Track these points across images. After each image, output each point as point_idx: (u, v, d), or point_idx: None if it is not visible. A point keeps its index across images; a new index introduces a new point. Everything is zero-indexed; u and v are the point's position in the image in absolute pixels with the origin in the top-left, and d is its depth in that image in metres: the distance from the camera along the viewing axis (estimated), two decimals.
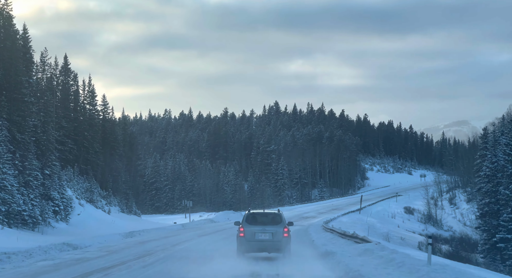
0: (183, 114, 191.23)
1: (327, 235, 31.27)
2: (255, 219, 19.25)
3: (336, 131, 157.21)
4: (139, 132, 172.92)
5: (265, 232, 18.60)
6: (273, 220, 19.21)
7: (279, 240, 18.59)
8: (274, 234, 18.59)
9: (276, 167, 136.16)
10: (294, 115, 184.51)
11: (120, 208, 57.38)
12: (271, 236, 18.56)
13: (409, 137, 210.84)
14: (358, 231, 43.94)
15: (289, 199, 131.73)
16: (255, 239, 18.55)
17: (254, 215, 19.48)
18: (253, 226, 18.78)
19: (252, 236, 18.54)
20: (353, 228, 46.50)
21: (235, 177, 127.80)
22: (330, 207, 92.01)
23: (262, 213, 20.03)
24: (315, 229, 39.72)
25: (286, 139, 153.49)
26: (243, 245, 18.69)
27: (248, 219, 19.12)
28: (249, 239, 18.54)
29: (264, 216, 19.49)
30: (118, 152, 64.86)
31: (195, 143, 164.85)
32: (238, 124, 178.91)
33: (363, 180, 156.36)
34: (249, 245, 18.64)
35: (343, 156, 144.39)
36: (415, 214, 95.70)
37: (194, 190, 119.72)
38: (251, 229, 18.66)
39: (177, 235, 34.03)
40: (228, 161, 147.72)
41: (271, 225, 18.93)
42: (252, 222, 19.00)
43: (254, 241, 18.54)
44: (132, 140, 68.66)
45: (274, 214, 19.63)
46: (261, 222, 19.14)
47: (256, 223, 19.03)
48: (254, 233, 18.58)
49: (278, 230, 18.68)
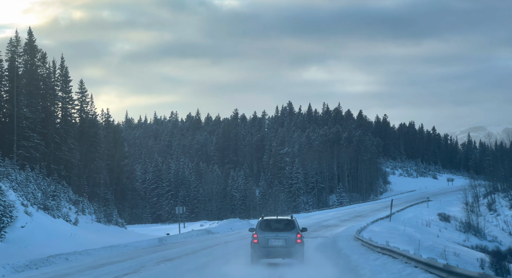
0: (190, 116, 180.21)
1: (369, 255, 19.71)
2: (269, 226, 19.33)
3: (355, 131, 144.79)
4: (143, 136, 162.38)
5: (278, 238, 18.62)
6: (286, 226, 19.22)
7: (292, 246, 18.62)
8: (288, 240, 18.64)
9: (290, 170, 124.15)
10: (309, 116, 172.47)
11: (97, 216, 45.92)
12: (284, 242, 18.63)
13: (431, 139, 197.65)
14: (399, 244, 32.94)
15: (305, 205, 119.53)
16: (268, 245, 18.59)
17: (267, 221, 19.50)
18: (266, 233, 18.81)
19: (265, 242, 18.59)
20: (390, 240, 35.79)
21: (245, 181, 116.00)
22: (352, 214, 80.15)
23: (275, 219, 19.87)
24: (347, 244, 28.18)
25: (301, 140, 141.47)
26: (257, 251, 18.74)
27: (262, 225, 19.20)
28: (263, 245, 18.59)
29: (277, 223, 19.48)
30: (99, 150, 53.43)
31: (202, 146, 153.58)
32: (249, 126, 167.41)
33: (385, 184, 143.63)
34: (263, 251, 18.68)
35: (363, 158, 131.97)
36: (451, 221, 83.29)
37: (199, 196, 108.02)
38: (265, 235, 18.69)
39: (124, 259, 22.42)
40: (238, 165, 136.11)
41: (285, 231, 18.95)
42: (265, 229, 19.06)
43: (268, 247, 18.59)
44: (117, 135, 57.21)
45: (287, 221, 19.55)
46: (275, 228, 19.19)
47: (269, 229, 19.10)
48: (268, 239, 18.63)
49: (291, 236, 18.69)
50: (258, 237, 18.84)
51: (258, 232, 19.06)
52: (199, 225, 65.56)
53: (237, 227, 52.39)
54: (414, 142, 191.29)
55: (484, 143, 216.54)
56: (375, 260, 17.91)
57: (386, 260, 17.64)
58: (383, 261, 17.31)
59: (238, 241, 33.14)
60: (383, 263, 16.95)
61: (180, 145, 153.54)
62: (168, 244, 29.73)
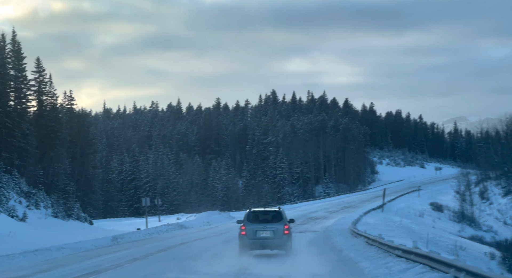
0: (171, 106, 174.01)
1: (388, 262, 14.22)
2: (257, 217, 19.33)
3: (342, 119, 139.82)
4: (122, 126, 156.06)
5: (266, 230, 18.60)
6: (274, 217, 19.18)
7: (280, 237, 18.53)
8: (275, 231, 18.56)
9: (274, 160, 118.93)
10: (293, 104, 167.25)
11: (55, 211, 40.20)
12: (272, 234, 18.54)
13: (418, 128, 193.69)
14: (399, 238, 28.51)
15: (290, 197, 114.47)
16: (256, 237, 18.53)
17: (255, 213, 19.47)
18: (254, 224, 18.72)
19: (253, 234, 18.52)
20: (389, 233, 32.08)
21: (227, 172, 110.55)
22: (340, 205, 75.38)
23: (263, 211, 19.80)
24: (345, 241, 23.22)
25: (285, 129, 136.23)
26: (245, 243, 18.65)
27: (250, 217, 19.09)
28: (251, 237, 18.50)
29: (265, 214, 19.48)
30: (60, 136, 47.53)
31: (183, 136, 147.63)
32: (231, 115, 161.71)
33: (373, 174, 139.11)
34: (251, 243, 18.61)
35: (350, 147, 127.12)
36: (444, 211, 78.90)
37: (179, 188, 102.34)
38: (252, 227, 18.60)
39: (34, 272, 16.70)
40: (220, 155, 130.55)
41: (272, 222, 18.90)
42: (253, 220, 18.99)
43: (256, 239, 18.52)
44: (81, 120, 51.29)
45: (275, 212, 19.50)
46: (263, 220, 19.18)
47: (257, 221, 19.04)
48: (256, 231, 18.57)
49: (279, 227, 18.60)
50: (246, 229, 18.79)
51: (246, 224, 18.94)
52: (175, 218, 60.10)
53: (215, 221, 47.03)
54: (401, 131, 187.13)
55: (469, 131, 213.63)
56: (403, 271, 12.23)
57: (385, 258, 11.88)
58: (382, 258, 11.47)
59: (212, 237, 27.90)
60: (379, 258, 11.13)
61: (160, 135, 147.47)
62: (122, 244, 24.38)
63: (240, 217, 60.27)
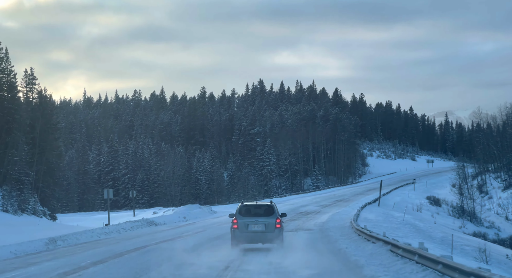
0: (155, 96, 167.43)
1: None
2: (249, 211, 19.11)
3: (332, 109, 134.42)
4: (103, 115, 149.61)
5: (257, 224, 18.64)
6: (266, 211, 19.10)
7: (272, 231, 18.59)
8: (267, 225, 18.64)
9: (262, 151, 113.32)
10: (281, 94, 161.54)
11: (5, 204, 34.28)
12: (264, 227, 18.62)
13: (409, 120, 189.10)
14: (408, 237, 25.58)
15: (278, 190, 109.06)
16: (248, 230, 18.60)
17: (247, 206, 19.27)
18: (246, 218, 18.69)
19: (245, 227, 18.59)
20: (394, 232, 27.92)
21: (211, 163, 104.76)
22: (332, 198, 70.21)
23: (255, 204, 19.57)
24: (353, 245, 17.31)
25: (273, 119, 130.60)
26: (237, 236, 18.72)
27: (242, 210, 18.95)
28: (243, 230, 18.59)
29: (257, 208, 19.25)
30: (18, 119, 41.41)
31: (167, 126, 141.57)
32: (217, 105, 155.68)
33: (363, 166, 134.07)
34: (243, 237, 18.64)
35: (341, 138, 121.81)
36: (443, 205, 74.04)
37: (160, 180, 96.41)
38: (244, 221, 18.63)
39: None
40: (205, 146, 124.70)
41: (264, 216, 18.82)
42: (245, 214, 18.85)
43: (247, 233, 18.59)
44: (44, 101, 45.14)
45: (267, 206, 19.34)
46: (255, 213, 19.03)
47: (249, 214, 18.91)
48: (247, 224, 18.61)
49: (270, 221, 18.67)
50: (238, 223, 18.71)
51: (238, 217, 18.84)
52: (152, 213, 54.39)
53: (194, 216, 41.36)
54: (391, 123, 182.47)
55: (460, 123, 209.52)
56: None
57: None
58: None
59: (183, 238, 22.33)
60: None
61: (142, 125, 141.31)
62: (57, 249, 18.71)
63: (223, 211, 55.02)
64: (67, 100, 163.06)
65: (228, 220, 38.55)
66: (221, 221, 37.75)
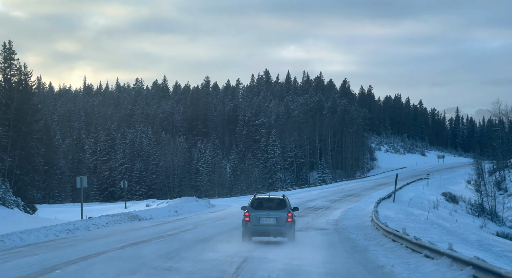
0: (157, 84, 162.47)
1: None
2: (261, 204, 19.21)
3: (340, 100, 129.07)
4: (103, 104, 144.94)
5: (269, 217, 18.71)
6: (278, 205, 19.16)
7: (283, 225, 18.66)
8: (279, 219, 18.64)
9: (266, 142, 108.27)
10: (287, 85, 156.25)
11: None
12: (275, 221, 18.64)
13: (418, 114, 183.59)
14: (443, 241, 20.57)
15: (282, 183, 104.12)
16: (259, 223, 18.68)
17: (260, 200, 19.56)
18: (258, 211, 18.91)
19: (257, 220, 18.68)
20: (426, 233, 23.82)
21: (213, 154, 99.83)
22: (340, 193, 65.32)
23: (267, 198, 19.82)
24: (394, 257, 12.12)
25: (278, 110, 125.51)
26: (248, 229, 18.81)
27: (254, 204, 19.17)
28: (254, 223, 18.68)
29: (269, 201, 19.40)
30: None
31: (168, 116, 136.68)
32: (221, 96, 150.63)
33: (372, 160, 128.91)
34: (254, 229, 18.79)
35: (349, 131, 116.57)
36: (460, 202, 69.01)
37: (159, 171, 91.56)
38: (256, 214, 18.79)
39: None
40: (208, 137, 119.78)
41: (276, 210, 18.91)
42: (257, 207, 19.00)
43: (259, 226, 18.68)
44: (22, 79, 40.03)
45: (279, 200, 19.47)
46: (267, 207, 19.14)
47: (261, 208, 19.02)
48: (259, 217, 18.72)
49: (282, 215, 18.68)
50: (249, 215, 18.68)
51: (249, 210, 18.85)
52: (144, 205, 49.64)
53: (188, 209, 36.46)
54: (400, 117, 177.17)
55: (471, 118, 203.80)
56: None
57: None
58: None
59: (160, 241, 17.47)
60: None
61: (143, 114, 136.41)
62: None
63: (222, 204, 50.29)
64: (66, 88, 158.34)
65: (225, 216, 33.88)
66: (218, 216, 32.90)
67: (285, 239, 18.84)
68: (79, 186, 27.45)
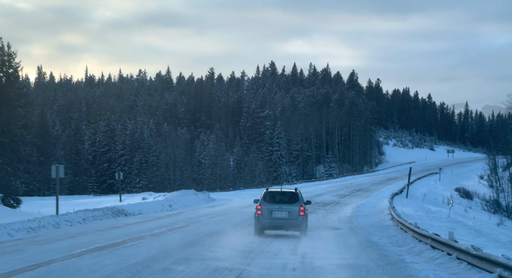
0: (160, 75, 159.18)
1: None
2: (273, 197, 19.13)
3: (348, 92, 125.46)
4: (104, 94, 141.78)
5: (281, 210, 18.74)
6: (290, 198, 19.08)
7: (295, 218, 18.56)
8: (291, 212, 18.62)
9: (271, 135, 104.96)
10: (293, 77, 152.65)
11: None
12: (287, 214, 18.61)
13: (427, 108, 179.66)
14: (486, 248, 17.43)
15: (288, 177, 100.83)
16: (271, 216, 18.63)
17: (272, 193, 19.44)
18: (270, 204, 18.82)
19: (269, 214, 18.70)
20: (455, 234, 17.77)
21: (216, 146, 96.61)
22: (349, 187, 62.08)
23: (279, 191, 19.65)
24: (446, 273, 8.73)
25: (284, 102, 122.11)
26: (260, 222, 18.71)
27: (266, 197, 19.13)
28: (266, 216, 18.66)
29: (281, 195, 19.34)
30: None
31: (172, 107, 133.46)
32: (226, 87, 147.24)
33: (380, 155, 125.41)
34: (266, 223, 18.69)
35: (357, 124, 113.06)
36: (474, 198, 65.62)
37: (160, 163, 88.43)
38: (268, 207, 18.70)
39: None
40: (212, 129, 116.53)
41: (288, 203, 18.84)
42: (269, 200, 18.94)
43: (271, 219, 18.63)
44: (6, 60, 36.86)
45: (291, 193, 19.43)
46: (279, 200, 19.06)
47: (273, 201, 18.96)
48: (271, 211, 18.73)
49: (294, 208, 18.72)
50: (262, 208, 18.62)
51: (262, 204, 18.77)
52: (141, 198, 46.51)
53: (183, 204, 33.25)
54: (408, 111, 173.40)
55: (481, 113, 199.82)
56: None
57: None
58: None
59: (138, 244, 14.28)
60: None
61: (145, 106, 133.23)
62: None
63: (223, 198, 47.14)
64: (68, 78, 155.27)
65: (224, 212, 30.73)
66: (216, 211, 29.67)
67: (297, 232, 18.72)
68: (55, 175, 24.25)
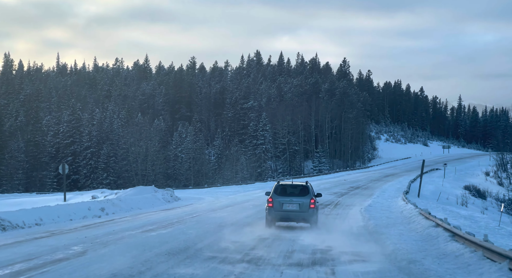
0: (138, 64, 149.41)
1: None
2: (284, 190, 19.60)
3: (339, 82, 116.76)
4: (77, 84, 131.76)
5: (292, 203, 19.19)
6: (301, 191, 19.52)
7: (306, 211, 19.04)
8: (301, 205, 19.15)
9: (256, 127, 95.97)
10: (280, 67, 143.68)
11: None
12: (298, 207, 19.16)
13: (419, 102, 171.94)
14: None
15: (273, 173, 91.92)
16: (282, 209, 19.15)
17: (283, 186, 19.93)
18: (281, 197, 19.28)
19: (280, 206, 19.14)
20: None
21: (194, 139, 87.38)
22: (344, 185, 53.47)
23: (290, 184, 20.15)
24: None
25: (270, 92, 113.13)
26: (271, 215, 19.21)
27: (277, 190, 19.61)
28: (277, 209, 19.12)
29: (292, 188, 19.89)
30: None
31: (149, 98, 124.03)
32: (208, 78, 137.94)
33: (372, 150, 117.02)
34: (277, 215, 19.11)
35: (348, 116, 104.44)
36: (487, 197, 57.35)
37: (130, 156, 78.98)
38: (279, 200, 19.18)
39: None
40: (193, 122, 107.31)
41: (299, 196, 19.32)
42: (280, 193, 19.48)
43: (282, 211, 19.15)
44: None
45: (302, 186, 19.92)
46: (290, 193, 19.50)
47: (284, 194, 19.50)
48: (282, 203, 19.17)
49: (305, 201, 19.14)
50: (273, 201, 19.11)
51: (273, 197, 19.26)
52: (90, 196, 37.33)
53: (128, 206, 24.08)
54: (400, 104, 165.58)
55: (475, 108, 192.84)
56: None
57: None
58: None
59: None
60: None
61: (121, 96, 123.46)
62: None
63: (192, 197, 37.75)
64: (38, 66, 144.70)
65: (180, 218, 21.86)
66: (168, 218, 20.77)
67: (308, 224, 18.96)
68: None
